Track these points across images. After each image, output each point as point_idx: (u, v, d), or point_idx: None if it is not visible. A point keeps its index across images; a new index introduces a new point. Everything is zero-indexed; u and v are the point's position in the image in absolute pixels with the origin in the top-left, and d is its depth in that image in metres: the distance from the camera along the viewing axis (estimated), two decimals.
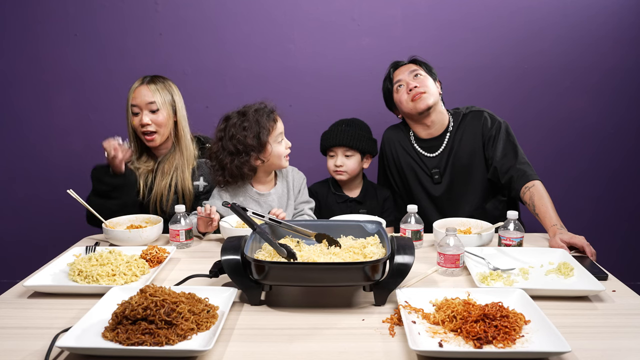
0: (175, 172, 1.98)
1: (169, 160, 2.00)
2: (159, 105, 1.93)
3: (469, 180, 2.07)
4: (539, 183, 1.84)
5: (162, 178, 1.98)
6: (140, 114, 1.93)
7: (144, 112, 1.93)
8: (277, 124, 1.86)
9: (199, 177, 2.02)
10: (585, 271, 1.35)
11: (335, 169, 2.09)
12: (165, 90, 1.96)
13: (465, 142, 2.06)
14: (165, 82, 1.99)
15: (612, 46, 2.59)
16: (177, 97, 2.00)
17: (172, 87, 2.00)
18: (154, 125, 1.94)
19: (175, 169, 1.98)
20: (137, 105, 1.93)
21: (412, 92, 2.01)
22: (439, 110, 2.07)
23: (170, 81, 2.02)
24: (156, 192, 1.97)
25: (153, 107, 1.93)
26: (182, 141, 2.00)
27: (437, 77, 2.10)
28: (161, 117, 1.94)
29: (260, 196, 1.91)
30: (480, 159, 2.05)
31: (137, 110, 1.94)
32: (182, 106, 2.02)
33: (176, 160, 2.00)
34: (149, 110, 1.93)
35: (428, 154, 2.10)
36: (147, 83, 1.95)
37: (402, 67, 2.09)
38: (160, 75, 2.02)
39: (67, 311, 1.20)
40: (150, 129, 1.94)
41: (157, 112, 1.93)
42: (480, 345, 0.99)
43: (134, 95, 1.94)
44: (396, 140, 2.16)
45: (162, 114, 1.94)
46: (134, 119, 1.95)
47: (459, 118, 2.10)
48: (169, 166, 1.99)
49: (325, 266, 1.17)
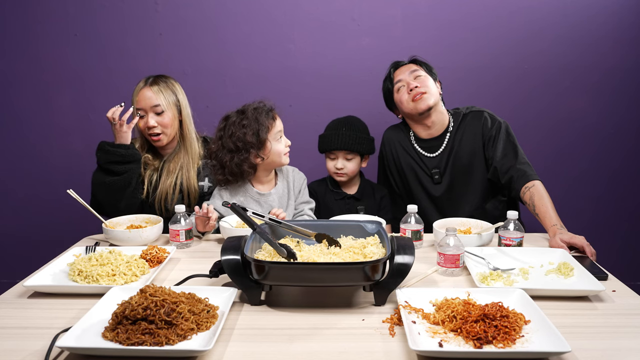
0: (181, 171, 1.97)
1: (174, 159, 2.00)
2: (163, 107, 1.93)
3: (469, 180, 2.07)
4: (539, 183, 1.84)
5: (167, 177, 1.97)
6: (146, 117, 1.93)
7: (149, 114, 1.92)
8: (275, 122, 1.87)
9: (204, 178, 2.01)
10: (585, 271, 1.35)
11: (336, 171, 2.11)
12: (169, 90, 1.96)
13: (465, 142, 2.06)
14: (168, 82, 1.98)
15: (612, 46, 2.59)
16: (181, 96, 2.00)
17: (176, 87, 1.99)
18: (160, 127, 1.94)
19: (180, 168, 1.98)
20: (142, 108, 1.93)
21: (413, 92, 2.01)
22: (439, 110, 2.07)
23: (173, 80, 2.01)
24: (161, 191, 1.96)
25: (158, 109, 1.92)
26: (188, 140, 2.00)
27: (437, 77, 2.10)
28: (167, 119, 1.94)
29: (261, 196, 1.92)
30: (480, 159, 2.05)
31: (142, 113, 1.94)
32: (187, 104, 2.01)
33: (181, 159, 1.99)
34: (154, 113, 1.93)
35: (428, 154, 2.10)
36: (150, 84, 1.94)
37: (402, 67, 2.09)
38: (162, 74, 2.01)
39: (67, 311, 1.20)
40: (157, 131, 1.94)
41: (162, 114, 1.93)
42: (480, 345, 0.99)
43: (138, 98, 1.93)
44: (396, 140, 2.16)
45: (168, 115, 1.94)
46: (140, 121, 1.95)
47: (459, 118, 2.10)
48: (174, 165, 1.99)
49: (325, 266, 1.17)
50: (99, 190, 1.90)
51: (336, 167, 2.10)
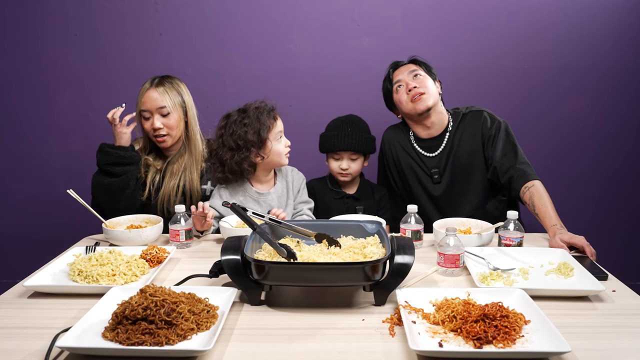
0: (184, 173, 1.96)
1: (177, 161, 1.99)
2: (169, 109, 1.91)
3: (468, 180, 2.07)
4: (538, 183, 1.84)
5: (171, 179, 1.96)
6: (152, 119, 1.92)
7: (155, 116, 1.91)
8: (277, 122, 1.88)
9: (207, 181, 2.01)
10: (585, 271, 1.35)
11: (341, 171, 2.10)
12: (175, 91, 1.94)
13: (464, 142, 2.06)
14: (174, 83, 1.96)
15: (612, 46, 2.59)
16: (187, 97, 1.98)
17: (181, 87, 1.98)
18: (166, 129, 1.93)
19: (183, 170, 1.97)
20: (148, 110, 1.92)
21: (412, 93, 2.00)
22: (438, 110, 2.07)
23: (179, 80, 2.00)
24: (163, 193, 1.95)
25: (164, 111, 1.91)
26: (193, 141, 1.99)
27: (437, 77, 2.10)
28: (172, 120, 1.93)
29: (260, 195, 1.92)
30: (479, 159, 2.05)
31: (148, 115, 1.92)
32: (192, 105, 2.00)
33: (185, 160, 1.98)
34: (160, 114, 1.91)
35: (428, 153, 2.10)
36: (156, 85, 1.92)
37: (401, 67, 2.09)
38: (168, 75, 2.00)
39: (67, 311, 1.20)
40: (162, 133, 1.93)
41: (168, 115, 1.92)
42: (480, 345, 0.99)
43: (144, 100, 1.91)
44: (396, 140, 2.16)
45: (174, 117, 1.93)
46: (145, 122, 1.94)
47: (459, 118, 2.10)
48: (177, 167, 1.98)
49: (325, 266, 1.17)
50: (99, 191, 1.90)
51: (341, 168, 2.09)
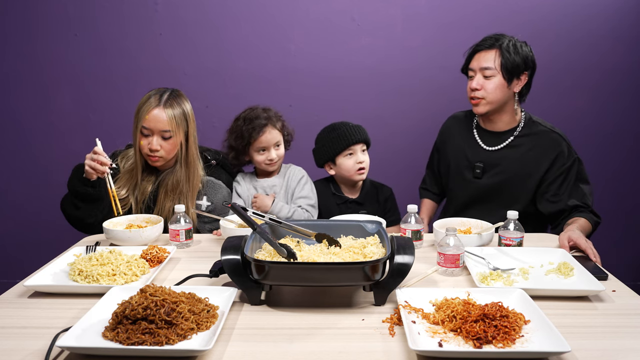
0: (180, 197, 1.89)
1: (172, 178, 1.90)
2: (172, 134, 1.83)
3: (510, 189, 1.95)
4: (583, 220, 1.79)
5: (166, 199, 1.89)
6: (151, 138, 1.83)
7: (155, 137, 1.83)
8: (261, 137, 1.91)
9: (203, 197, 1.95)
10: (585, 271, 1.35)
11: (359, 166, 2.00)
12: (182, 117, 1.85)
13: (525, 156, 1.94)
14: (182, 105, 1.86)
15: (612, 46, 2.59)
16: (192, 123, 1.89)
17: (187, 109, 1.87)
18: (163, 151, 1.85)
19: (179, 193, 1.89)
20: (150, 129, 1.82)
21: (472, 94, 1.93)
22: (504, 111, 1.96)
23: (186, 100, 1.89)
24: (159, 212, 1.88)
25: (166, 135, 1.82)
26: (191, 166, 1.90)
27: (523, 69, 1.92)
28: (171, 145, 1.84)
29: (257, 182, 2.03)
30: (532, 182, 1.93)
31: (148, 133, 1.83)
32: (194, 128, 1.91)
33: (182, 185, 1.89)
34: (161, 137, 1.83)
35: (484, 145, 2.01)
36: (165, 106, 1.81)
37: (481, 53, 1.92)
38: (175, 90, 1.89)
39: (67, 311, 1.20)
40: (158, 154, 1.85)
41: (169, 139, 1.84)
42: (480, 345, 0.99)
43: (148, 117, 1.80)
44: (457, 126, 2.10)
45: (174, 141, 1.84)
46: (142, 138, 1.84)
47: (531, 129, 1.97)
48: (172, 185, 1.89)
49: (325, 266, 1.17)
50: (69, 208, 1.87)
51: (358, 162, 1.99)
